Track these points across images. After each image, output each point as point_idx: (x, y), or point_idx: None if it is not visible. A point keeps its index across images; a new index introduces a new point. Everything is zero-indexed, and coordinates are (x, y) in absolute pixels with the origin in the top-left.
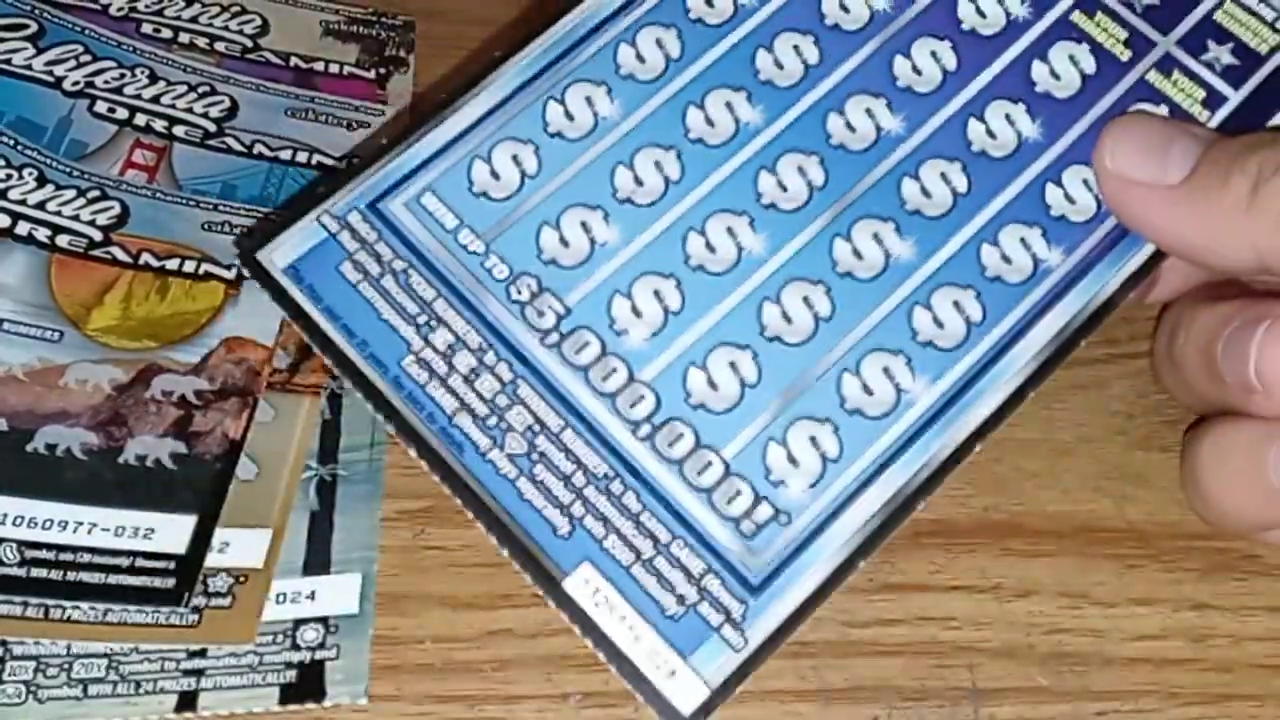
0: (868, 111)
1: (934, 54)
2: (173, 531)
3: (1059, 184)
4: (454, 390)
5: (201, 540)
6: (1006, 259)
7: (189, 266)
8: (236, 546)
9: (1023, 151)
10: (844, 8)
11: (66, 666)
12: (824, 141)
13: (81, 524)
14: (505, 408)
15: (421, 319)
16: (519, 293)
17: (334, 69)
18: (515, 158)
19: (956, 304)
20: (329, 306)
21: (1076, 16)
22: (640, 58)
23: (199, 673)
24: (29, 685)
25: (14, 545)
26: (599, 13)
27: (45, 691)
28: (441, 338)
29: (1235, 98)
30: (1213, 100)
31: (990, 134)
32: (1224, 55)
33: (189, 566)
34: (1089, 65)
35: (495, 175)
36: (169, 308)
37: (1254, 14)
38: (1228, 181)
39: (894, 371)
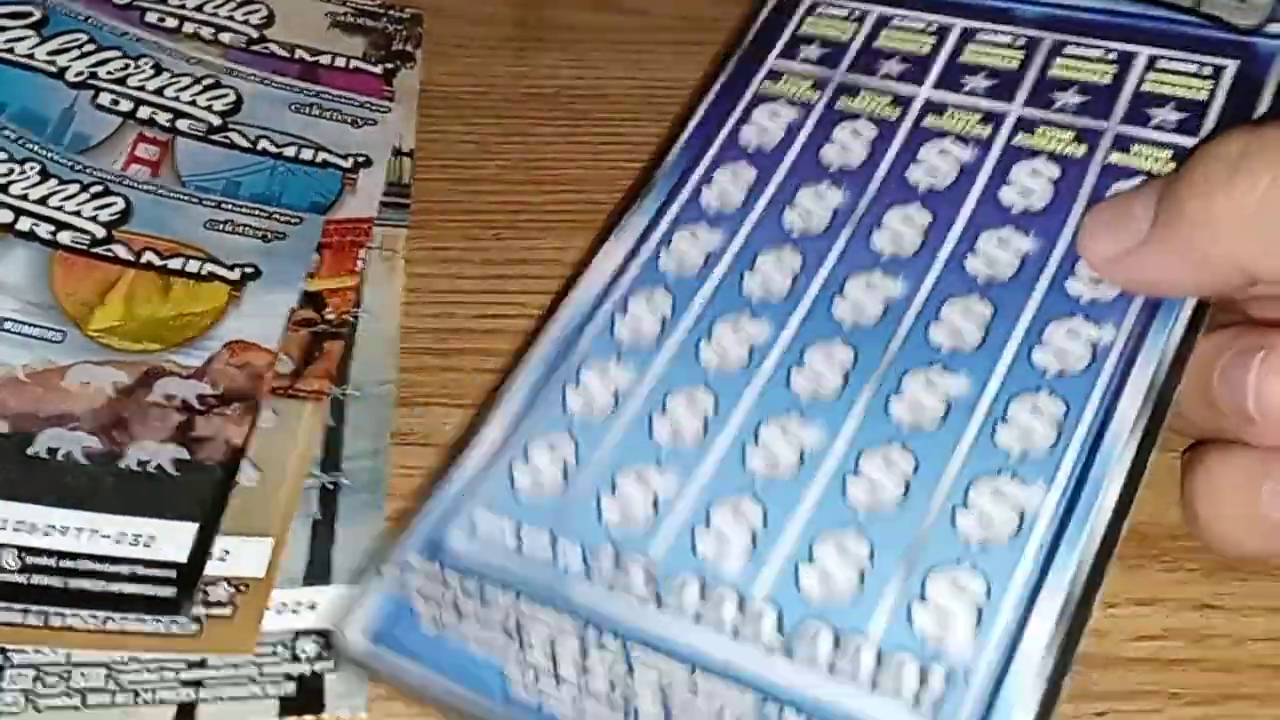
0: (867, 285)
1: (908, 217)
2: (174, 539)
3: (1076, 276)
4: (568, 685)
5: (202, 548)
6: (1062, 353)
7: (192, 266)
8: (237, 555)
9: (1029, 264)
10: (805, 214)
11: (65, 675)
12: (838, 327)
13: (82, 530)
14: (624, 677)
15: (512, 634)
16: (601, 569)
17: (340, 62)
18: (551, 447)
19: (1035, 408)
20: (419, 656)
21: (1020, 139)
22: (638, 322)
23: (198, 683)
24: (28, 694)
25: (14, 551)
26: (585, 303)
27: (44, 700)
28: (539, 645)
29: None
30: (1180, 154)
31: (990, 263)
32: (1170, 114)
33: (190, 575)
34: (1053, 171)
35: (538, 471)
36: (172, 309)
37: (1179, 73)
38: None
39: (1004, 491)
